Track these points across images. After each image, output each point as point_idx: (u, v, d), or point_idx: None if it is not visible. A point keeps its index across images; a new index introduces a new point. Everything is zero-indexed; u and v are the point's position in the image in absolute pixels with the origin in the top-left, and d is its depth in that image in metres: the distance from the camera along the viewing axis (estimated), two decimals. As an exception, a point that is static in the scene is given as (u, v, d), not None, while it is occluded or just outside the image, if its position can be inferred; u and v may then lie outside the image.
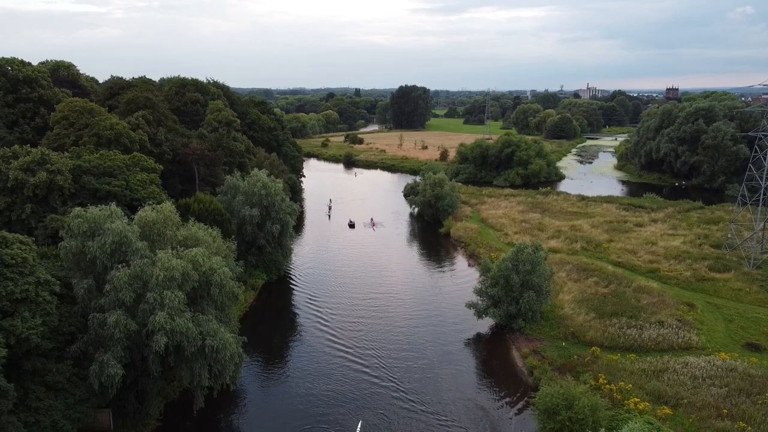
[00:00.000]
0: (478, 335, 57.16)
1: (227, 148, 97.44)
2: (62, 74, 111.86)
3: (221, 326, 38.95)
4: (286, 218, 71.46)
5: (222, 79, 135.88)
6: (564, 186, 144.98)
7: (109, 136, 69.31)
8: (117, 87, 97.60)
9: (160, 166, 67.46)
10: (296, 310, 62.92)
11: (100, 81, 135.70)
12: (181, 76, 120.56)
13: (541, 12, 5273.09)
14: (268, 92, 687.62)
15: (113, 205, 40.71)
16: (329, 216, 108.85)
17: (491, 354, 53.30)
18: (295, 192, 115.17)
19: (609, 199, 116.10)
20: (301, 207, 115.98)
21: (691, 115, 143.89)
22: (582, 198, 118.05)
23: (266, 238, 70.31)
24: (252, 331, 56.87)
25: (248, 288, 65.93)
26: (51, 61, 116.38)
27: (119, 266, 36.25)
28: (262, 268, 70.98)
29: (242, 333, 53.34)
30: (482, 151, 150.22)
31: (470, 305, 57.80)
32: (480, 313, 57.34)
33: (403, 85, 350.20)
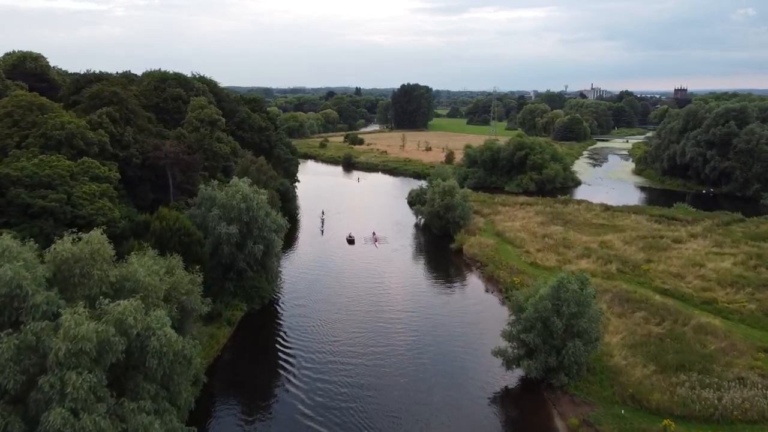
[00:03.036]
0: (507, 392, 45.43)
1: (210, 151, 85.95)
2: (29, 67, 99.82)
3: (160, 415, 27.22)
4: (271, 236, 59.74)
5: (222, 77, 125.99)
6: (581, 192, 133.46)
7: (59, 136, 57.58)
8: (84, 80, 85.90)
9: (117, 174, 55.86)
10: (281, 353, 51.08)
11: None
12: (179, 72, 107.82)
13: (541, 12, 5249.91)
14: (268, 91, 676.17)
15: (7, 238, 28.87)
16: (322, 231, 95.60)
17: (526, 421, 41.50)
18: (288, 200, 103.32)
19: (637, 210, 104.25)
20: (290, 221, 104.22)
21: (721, 116, 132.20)
22: (606, 208, 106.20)
23: (247, 260, 58.61)
24: (223, 385, 45.28)
25: (223, 323, 54.33)
26: (17, 51, 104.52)
27: (3, 334, 24.58)
28: (243, 296, 59.20)
29: (210, 387, 42.12)
30: (492, 154, 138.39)
31: (498, 353, 46.09)
32: (509, 363, 45.70)
33: (405, 83, 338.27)
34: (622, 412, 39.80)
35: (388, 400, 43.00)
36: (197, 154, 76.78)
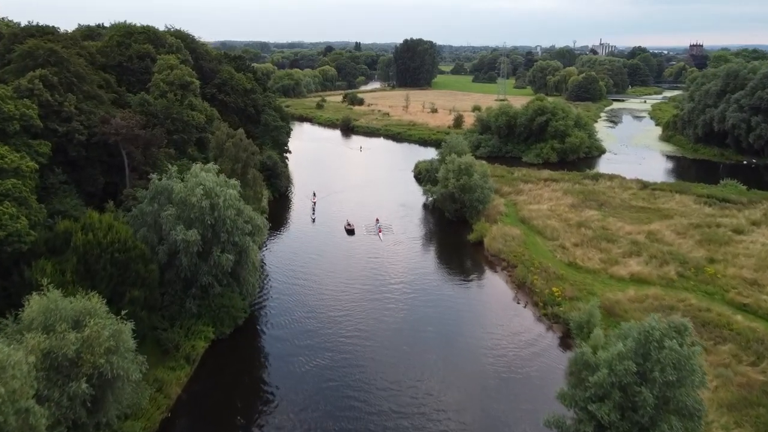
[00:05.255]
0: (565, 476, 32.60)
1: (180, 120, 71.46)
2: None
3: None
4: (244, 241, 46.08)
5: (218, 32, 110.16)
6: (606, 163, 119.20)
7: (-39, 110, 43.45)
8: (23, 34, 70.53)
9: (34, 164, 41.63)
10: (257, 402, 38.24)
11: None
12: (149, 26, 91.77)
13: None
14: (265, 46, 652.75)
15: None
16: (313, 218, 79.93)
17: None
18: (276, 176, 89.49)
19: (680, 188, 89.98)
20: (278, 200, 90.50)
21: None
22: (643, 185, 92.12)
23: (213, 272, 45.16)
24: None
25: (180, 360, 41.18)
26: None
27: None
28: (209, 318, 45.88)
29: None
30: (508, 120, 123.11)
31: (552, 423, 33.00)
32: (570, 440, 32.73)
33: (408, 38, 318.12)
34: None
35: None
36: (157, 128, 62.35)
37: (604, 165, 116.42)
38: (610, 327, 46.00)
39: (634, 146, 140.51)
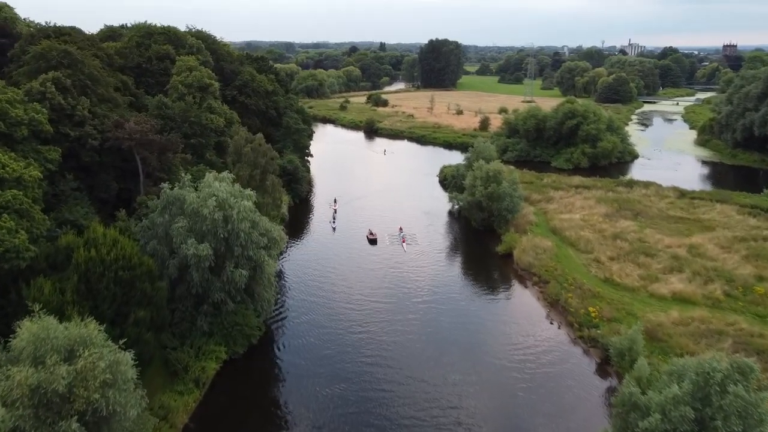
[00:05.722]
0: None
1: (198, 124, 69.15)
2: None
3: None
4: (259, 255, 43.32)
5: (244, 32, 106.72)
6: (639, 169, 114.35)
7: (-36, 115, 41.44)
8: (41, 35, 68.90)
9: (38, 171, 39.32)
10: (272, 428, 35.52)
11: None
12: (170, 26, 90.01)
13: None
14: (290, 46, 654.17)
15: None
16: (334, 227, 75.99)
17: None
18: (296, 180, 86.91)
19: (721, 197, 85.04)
20: (299, 205, 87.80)
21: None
22: (681, 193, 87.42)
23: (226, 288, 42.48)
24: None
25: (188, 384, 38.54)
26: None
27: None
28: (220, 337, 43.19)
29: None
30: (537, 123, 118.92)
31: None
32: (614, 490, 29.28)
33: (434, 39, 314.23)
34: None
35: None
36: (173, 133, 60.08)
37: (638, 171, 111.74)
38: (653, 353, 42.45)
39: (667, 151, 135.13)
